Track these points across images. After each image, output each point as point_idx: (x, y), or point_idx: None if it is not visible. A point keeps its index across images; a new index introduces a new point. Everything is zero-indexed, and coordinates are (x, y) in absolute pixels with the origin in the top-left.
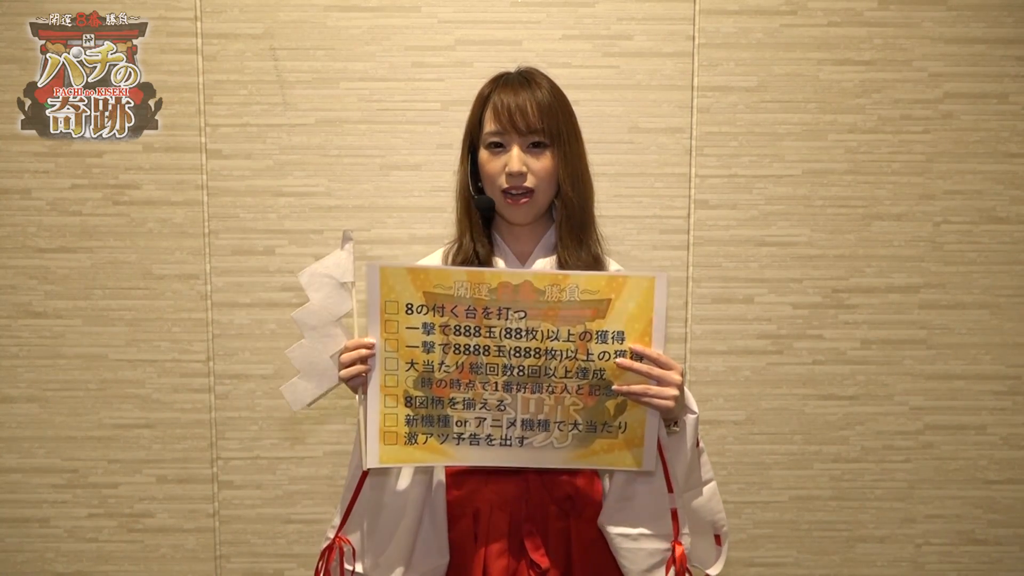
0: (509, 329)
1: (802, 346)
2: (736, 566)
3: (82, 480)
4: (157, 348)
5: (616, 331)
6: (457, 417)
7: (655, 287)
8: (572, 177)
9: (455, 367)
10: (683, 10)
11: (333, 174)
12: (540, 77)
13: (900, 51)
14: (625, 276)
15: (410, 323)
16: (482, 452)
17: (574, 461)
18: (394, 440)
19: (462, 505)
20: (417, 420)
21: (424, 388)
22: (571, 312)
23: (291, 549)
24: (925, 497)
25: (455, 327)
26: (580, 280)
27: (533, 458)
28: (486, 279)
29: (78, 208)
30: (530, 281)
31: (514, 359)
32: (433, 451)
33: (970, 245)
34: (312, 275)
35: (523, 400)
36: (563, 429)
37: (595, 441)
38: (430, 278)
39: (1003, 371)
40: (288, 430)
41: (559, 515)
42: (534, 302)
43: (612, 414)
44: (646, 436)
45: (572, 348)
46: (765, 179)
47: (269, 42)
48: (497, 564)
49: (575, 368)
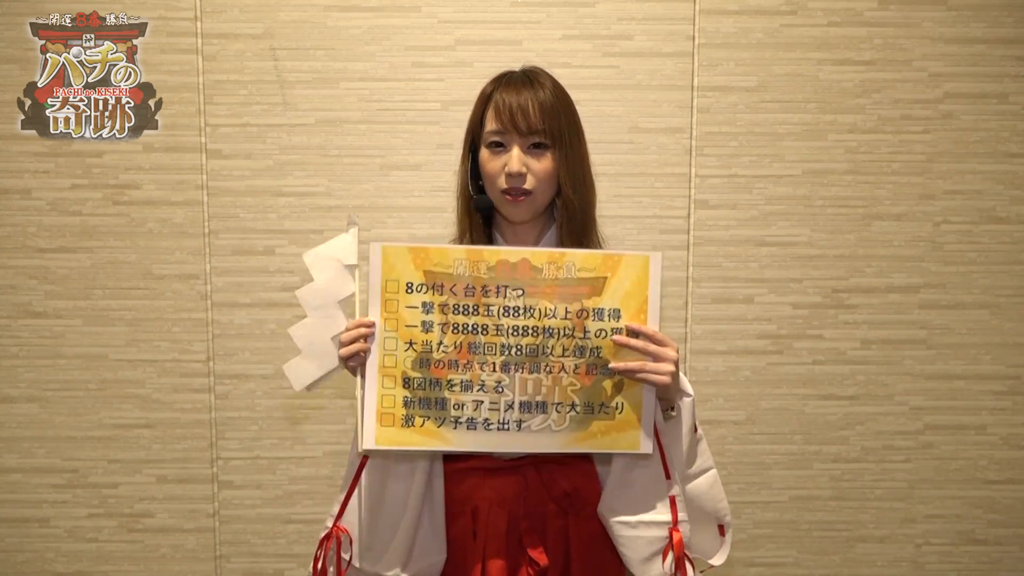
0: (507, 307)
1: (802, 346)
2: (736, 566)
3: (82, 480)
4: (157, 348)
5: (612, 308)
6: (455, 400)
7: (649, 266)
8: (573, 179)
9: (453, 347)
10: (683, 10)
11: (333, 174)
12: (544, 77)
13: (900, 51)
14: (620, 254)
15: (410, 302)
16: (480, 437)
17: (572, 445)
18: (391, 422)
19: (461, 502)
20: (415, 402)
21: (422, 369)
22: (568, 289)
23: (291, 549)
24: (925, 497)
25: (454, 306)
26: (576, 258)
27: (531, 443)
28: (485, 257)
29: (78, 208)
30: (527, 258)
31: (512, 338)
32: (430, 435)
33: (970, 245)
34: (317, 256)
35: (521, 381)
36: (560, 411)
37: (592, 423)
38: (430, 257)
39: (1003, 371)
40: (288, 430)
41: (558, 513)
42: (532, 279)
43: (609, 394)
44: (643, 417)
45: (569, 326)
46: (765, 179)
47: (269, 42)
48: (496, 562)
49: (572, 346)
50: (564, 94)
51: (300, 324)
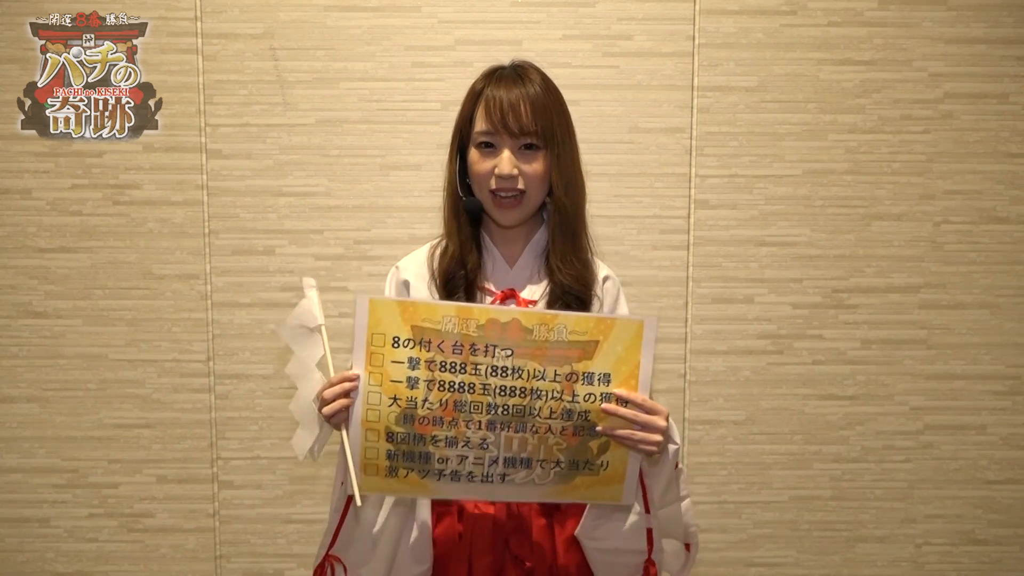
0: (495, 367)
1: (802, 346)
2: (736, 566)
3: (82, 480)
4: (157, 348)
5: (602, 373)
6: (439, 455)
7: (643, 331)
8: (565, 180)
9: (439, 404)
10: (683, 10)
11: (333, 174)
12: (534, 72)
13: (900, 51)
14: (613, 319)
15: (396, 357)
16: (462, 487)
17: (554, 496)
18: (375, 472)
19: (447, 504)
20: (398, 455)
21: (406, 425)
22: (558, 352)
23: (291, 549)
24: (925, 497)
25: (441, 363)
26: (568, 320)
27: (513, 493)
28: (474, 315)
29: (78, 208)
30: (518, 319)
31: (499, 398)
32: (413, 485)
33: (970, 245)
34: (287, 329)
35: (506, 439)
36: (545, 467)
37: (576, 478)
38: (418, 312)
39: (1003, 371)
40: (288, 430)
41: (542, 513)
42: (522, 340)
43: (595, 453)
44: (627, 473)
45: (558, 388)
46: (765, 179)
47: (269, 42)
48: (482, 562)
49: (560, 409)
50: (555, 90)
51: (293, 399)
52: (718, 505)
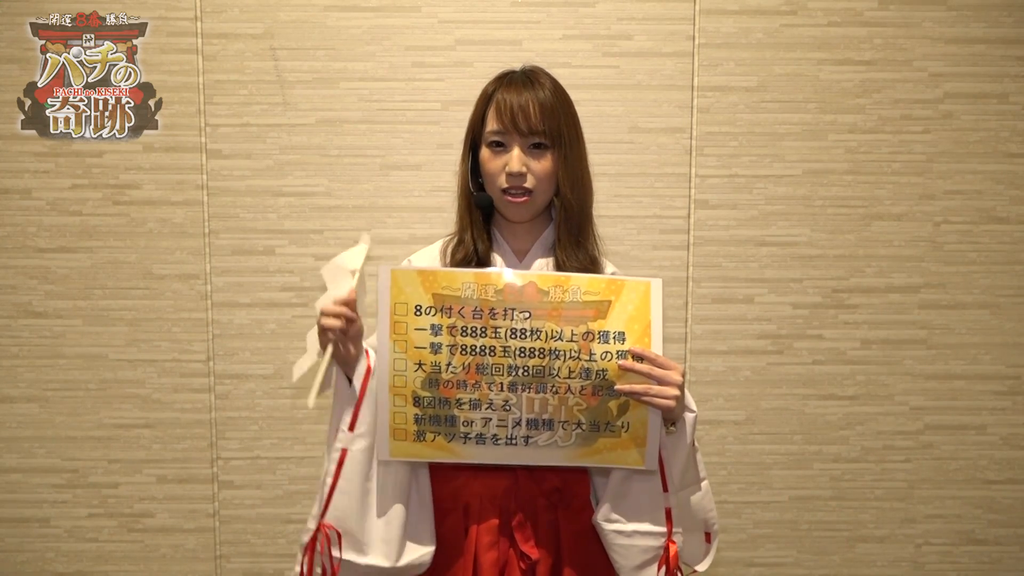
0: (514, 329)
1: (802, 346)
2: (736, 566)
3: (82, 480)
4: (157, 348)
5: (617, 331)
6: (464, 417)
7: (651, 291)
8: (572, 179)
9: (462, 368)
10: (683, 10)
11: (333, 174)
12: (544, 77)
13: (900, 51)
14: (623, 279)
15: (419, 324)
16: (488, 450)
17: (578, 459)
18: (403, 436)
19: (452, 499)
20: (425, 419)
21: (432, 389)
22: (574, 312)
23: (291, 549)
24: (925, 497)
25: (462, 328)
26: (582, 281)
27: (538, 456)
28: (492, 280)
29: (78, 208)
30: (534, 282)
31: (519, 359)
32: (441, 448)
33: (970, 245)
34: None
35: (528, 400)
36: (567, 428)
37: (598, 440)
38: (439, 280)
39: (1003, 371)
40: (288, 430)
41: (548, 507)
42: (538, 302)
43: (615, 414)
44: (648, 435)
45: (575, 348)
46: (765, 179)
47: (269, 42)
48: (488, 556)
49: (578, 368)
50: (564, 94)
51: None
52: (718, 505)
